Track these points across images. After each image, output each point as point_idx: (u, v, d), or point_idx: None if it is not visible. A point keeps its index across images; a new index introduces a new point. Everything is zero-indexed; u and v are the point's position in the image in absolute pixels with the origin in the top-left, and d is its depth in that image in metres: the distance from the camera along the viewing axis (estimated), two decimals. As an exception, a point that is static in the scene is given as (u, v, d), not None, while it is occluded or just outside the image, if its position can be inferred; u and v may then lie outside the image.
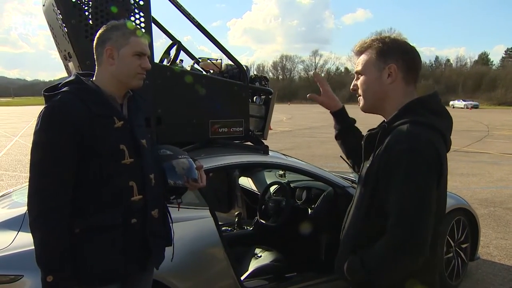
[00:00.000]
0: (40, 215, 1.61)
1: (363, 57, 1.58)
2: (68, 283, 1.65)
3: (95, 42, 1.79)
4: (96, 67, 1.81)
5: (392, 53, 1.53)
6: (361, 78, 1.60)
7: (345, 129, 1.95)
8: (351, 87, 1.65)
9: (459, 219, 3.82)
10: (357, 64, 1.62)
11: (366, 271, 1.44)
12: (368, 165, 1.55)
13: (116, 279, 1.78)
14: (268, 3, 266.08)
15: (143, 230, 1.80)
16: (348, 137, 1.94)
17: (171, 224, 2.02)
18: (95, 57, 1.80)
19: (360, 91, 1.62)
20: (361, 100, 1.62)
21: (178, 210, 2.11)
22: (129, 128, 1.78)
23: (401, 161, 1.38)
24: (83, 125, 1.64)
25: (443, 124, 1.51)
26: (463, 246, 3.87)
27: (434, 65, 74.83)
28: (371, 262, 1.44)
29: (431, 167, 1.39)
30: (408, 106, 1.51)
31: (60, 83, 1.74)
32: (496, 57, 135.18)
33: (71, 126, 1.62)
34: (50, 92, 1.70)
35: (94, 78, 1.81)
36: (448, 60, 76.15)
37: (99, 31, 1.79)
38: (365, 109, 1.63)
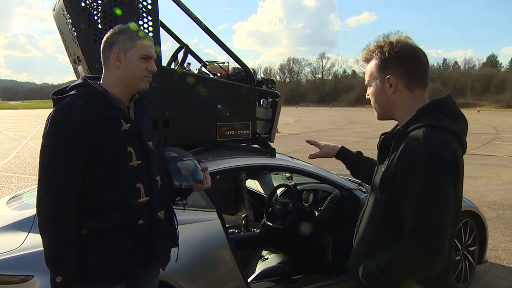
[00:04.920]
0: (48, 217, 1.63)
1: (368, 68, 1.62)
2: (76, 284, 1.66)
3: (102, 45, 1.82)
4: (103, 70, 1.83)
5: (390, 63, 1.53)
6: (369, 89, 1.63)
7: (354, 165, 2.06)
8: (366, 96, 1.68)
9: (467, 222, 3.80)
10: (365, 75, 1.66)
11: (384, 275, 1.43)
12: (383, 169, 1.54)
13: (123, 280, 1.80)
14: (273, 5, 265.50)
15: (150, 231, 1.82)
16: (360, 169, 2.03)
17: (176, 225, 2.03)
18: (102, 60, 1.82)
19: (371, 102, 1.65)
20: (374, 109, 1.66)
21: (184, 211, 2.13)
22: (136, 130, 1.80)
23: (419, 165, 1.38)
24: (91, 127, 1.66)
25: (459, 127, 1.50)
26: (471, 249, 3.85)
27: (442, 67, 73.71)
28: (388, 266, 1.43)
29: (449, 171, 1.39)
30: (423, 110, 1.50)
31: (68, 86, 1.76)
32: (504, 59, 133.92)
33: (79, 129, 1.64)
34: (59, 96, 1.73)
35: (101, 81, 1.83)
36: (456, 63, 75.05)
37: (106, 35, 1.82)
38: (379, 118, 1.66)
